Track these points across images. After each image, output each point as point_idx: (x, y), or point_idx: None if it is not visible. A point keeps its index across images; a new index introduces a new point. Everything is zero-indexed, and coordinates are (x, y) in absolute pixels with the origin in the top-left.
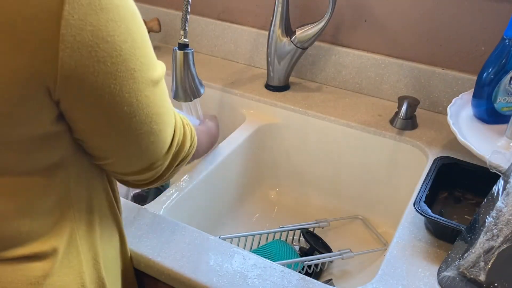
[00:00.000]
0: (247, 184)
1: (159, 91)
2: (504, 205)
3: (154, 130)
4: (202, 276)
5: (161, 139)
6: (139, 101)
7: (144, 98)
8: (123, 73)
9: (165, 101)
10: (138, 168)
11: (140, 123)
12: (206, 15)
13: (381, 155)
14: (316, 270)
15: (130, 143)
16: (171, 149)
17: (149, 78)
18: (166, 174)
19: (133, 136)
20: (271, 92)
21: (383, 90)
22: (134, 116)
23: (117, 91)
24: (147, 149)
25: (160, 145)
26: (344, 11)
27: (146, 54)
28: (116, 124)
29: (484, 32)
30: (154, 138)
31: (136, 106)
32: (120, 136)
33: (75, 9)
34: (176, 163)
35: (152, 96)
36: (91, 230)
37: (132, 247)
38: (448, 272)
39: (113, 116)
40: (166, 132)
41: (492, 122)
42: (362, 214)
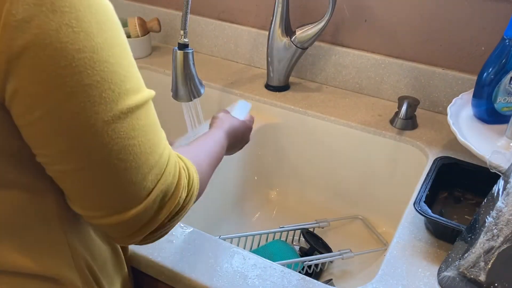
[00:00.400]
0: (247, 184)
1: (135, 121)
2: (504, 205)
3: (118, 167)
4: (202, 276)
5: (131, 180)
6: (93, 127)
7: (102, 124)
8: (73, 88)
9: (144, 134)
10: (105, 212)
11: (91, 153)
12: (206, 15)
13: (381, 155)
14: (316, 270)
15: (87, 175)
16: (151, 195)
17: (118, 101)
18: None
19: (89, 167)
20: (271, 92)
21: (383, 90)
22: (89, 144)
23: (62, 109)
24: (109, 187)
25: (132, 187)
26: (344, 11)
27: (119, 72)
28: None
29: (484, 32)
30: (120, 175)
31: (90, 132)
32: (74, 163)
33: (19, 8)
34: (167, 214)
35: (119, 125)
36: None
37: (132, 247)
38: (448, 272)
39: (60, 139)
40: (140, 172)
41: (492, 122)
42: (362, 214)
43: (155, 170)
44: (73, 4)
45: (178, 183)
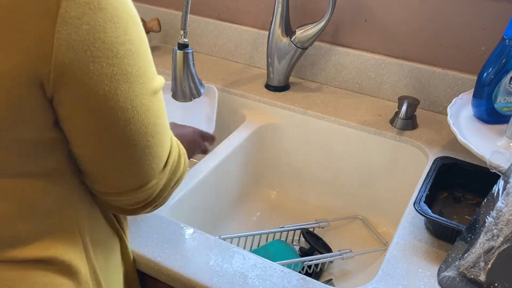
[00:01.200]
0: (247, 184)
1: (157, 102)
2: (504, 205)
3: (149, 142)
4: (202, 276)
5: (157, 154)
6: (134, 108)
7: (140, 105)
8: (119, 76)
9: (162, 113)
10: (131, 186)
11: (134, 132)
12: (206, 15)
13: (381, 155)
14: (316, 270)
15: (123, 155)
16: (167, 166)
17: (147, 85)
18: (161, 196)
19: (126, 146)
20: (271, 92)
21: (383, 90)
22: (129, 124)
23: (111, 94)
24: (141, 164)
25: (156, 160)
26: (344, 11)
27: (145, 61)
28: (109, 130)
29: (484, 32)
30: (149, 151)
31: (131, 113)
32: (112, 145)
33: (72, 7)
34: (172, 183)
35: (150, 104)
36: (92, 236)
37: (133, 248)
38: (448, 272)
39: (106, 121)
40: (162, 146)
41: (492, 122)
42: (362, 214)
43: (168, 143)
44: (113, 3)
45: (179, 155)
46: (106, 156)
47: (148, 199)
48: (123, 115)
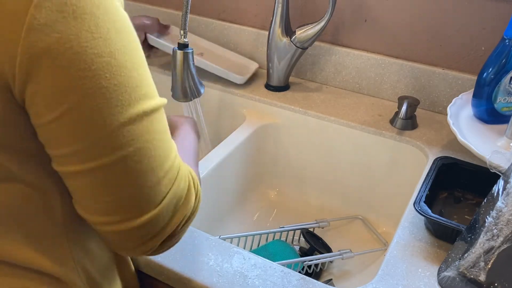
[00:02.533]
0: (247, 184)
1: (150, 124)
2: (504, 205)
3: (133, 168)
4: (202, 276)
5: (144, 183)
6: (109, 126)
7: (119, 126)
8: (91, 90)
9: (157, 138)
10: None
11: (108, 154)
12: (206, 15)
13: (381, 155)
14: (316, 270)
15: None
16: (164, 200)
17: (132, 104)
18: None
19: (103, 165)
20: (271, 92)
21: (383, 90)
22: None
23: (81, 108)
24: (122, 190)
25: (144, 190)
26: (344, 11)
27: (131, 77)
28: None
29: (484, 32)
30: (134, 178)
31: (107, 132)
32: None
33: (42, 13)
34: (181, 221)
35: (136, 126)
36: (85, 246)
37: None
38: (448, 272)
39: (76, 138)
40: (152, 175)
41: (492, 122)
42: (362, 214)
43: (169, 175)
44: (92, 12)
45: (189, 189)
46: (82, 174)
47: (147, 236)
48: (97, 132)
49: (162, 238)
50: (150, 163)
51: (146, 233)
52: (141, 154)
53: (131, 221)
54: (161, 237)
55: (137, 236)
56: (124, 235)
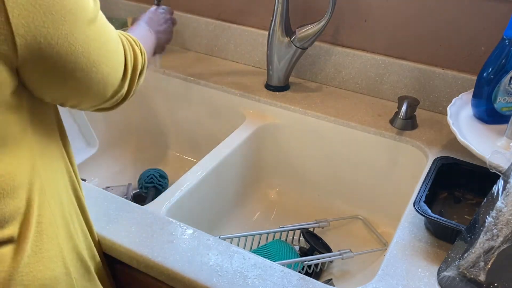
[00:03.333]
0: (247, 184)
1: (98, 28)
2: (504, 205)
3: (103, 66)
4: (202, 276)
5: (113, 69)
6: (80, 44)
7: (84, 38)
8: (59, 13)
9: (107, 34)
10: (100, 101)
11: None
12: (206, 15)
13: (381, 155)
14: (316, 270)
15: (86, 87)
16: (126, 74)
17: (85, 17)
18: (131, 91)
19: (82, 79)
20: (271, 92)
21: (383, 90)
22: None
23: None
24: (102, 86)
25: (114, 75)
26: (344, 11)
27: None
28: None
29: (484, 32)
30: (106, 72)
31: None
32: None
33: None
34: (136, 79)
35: (93, 34)
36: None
37: (132, 247)
38: (448, 272)
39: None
40: (117, 61)
41: (492, 122)
42: (362, 214)
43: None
44: None
45: (134, 52)
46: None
47: (118, 100)
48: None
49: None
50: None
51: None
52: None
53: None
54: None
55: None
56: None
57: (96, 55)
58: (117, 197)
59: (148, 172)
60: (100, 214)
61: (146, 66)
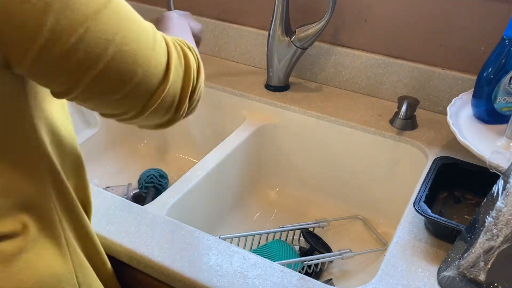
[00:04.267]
0: (247, 184)
1: (112, 11)
2: (504, 205)
3: (125, 52)
4: (202, 276)
5: (142, 61)
6: (86, 31)
7: (94, 24)
8: (55, 4)
9: (128, 16)
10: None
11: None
12: (206, 15)
13: (381, 155)
14: (316, 270)
15: (99, 82)
16: (169, 71)
17: (89, 4)
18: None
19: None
20: (271, 92)
21: (383, 90)
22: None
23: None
24: (125, 83)
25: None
26: (344, 11)
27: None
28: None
29: (484, 32)
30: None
31: (85, 36)
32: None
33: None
34: (191, 81)
35: (105, 18)
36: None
37: (132, 248)
38: (448, 272)
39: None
40: (146, 48)
41: (492, 122)
42: (362, 214)
43: (159, 44)
44: None
45: (183, 49)
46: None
47: (170, 108)
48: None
49: (185, 99)
50: (137, 41)
51: (170, 104)
52: (125, 38)
53: (152, 100)
54: (184, 100)
55: (164, 110)
56: (153, 116)
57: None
58: (117, 197)
59: (148, 172)
60: (100, 214)
61: (203, 70)
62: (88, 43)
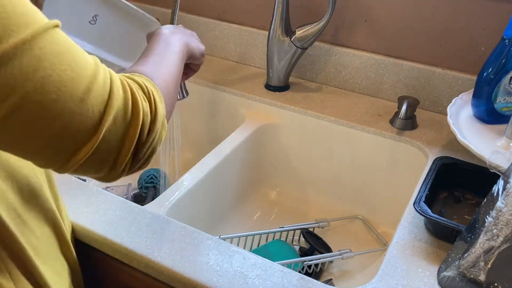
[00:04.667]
0: (247, 184)
1: (38, 50)
2: (504, 205)
3: (45, 102)
4: (202, 276)
5: (65, 111)
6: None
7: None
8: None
9: (56, 61)
10: (56, 159)
11: (7, 98)
12: (206, 15)
13: (381, 155)
14: (316, 270)
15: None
16: (101, 128)
17: (8, 36)
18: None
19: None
20: (271, 92)
21: (383, 90)
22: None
23: None
24: (45, 132)
25: (69, 120)
26: (344, 11)
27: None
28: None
29: (484, 32)
30: (50, 111)
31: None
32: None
33: None
34: (135, 137)
35: (22, 59)
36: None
37: (132, 248)
38: (448, 272)
39: None
40: (71, 100)
41: (492, 122)
42: (362, 214)
43: (94, 94)
44: None
45: (134, 98)
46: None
47: (106, 163)
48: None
49: (126, 158)
50: (60, 88)
51: (103, 162)
52: (44, 84)
53: (75, 156)
54: (124, 158)
55: (96, 167)
56: (84, 171)
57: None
58: (117, 197)
59: (148, 172)
60: (100, 214)
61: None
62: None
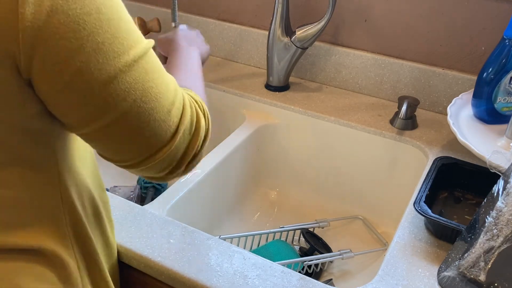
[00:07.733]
0: (247, 184)
1: (145, 64)
2: (504, 205)
3: (142, 109)
4: (202, 276)
5: (157, 118)
6: (112, 79)
7: (119, 74)
8: (90, 48)
9: (154, 77)
10: (137, 157)
11: (119, 103)
12: (206, 15)
13: (381, 155)
14: (316, 270)
15: (115, 128)
16: (178, 132)
17: (128, 51)
18: (185, 160)
19: (115, 119)
20: (271, 92)
21: (383, 90)
22: (110, 95)
23: (84, 68)
24: (139, 133)
25: (158, 127)
26: (344, 11)
27: (119, 28)
28: (91, 104)
29: (484, 32)
30: (144, 119)
31: (110, 84)
32: (100, 119)
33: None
34: (195, 146)
35: (135, 71)
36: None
37: (132, 248)
38: (448, 272)
39: (87, 96)
40: (163, 110)
41: (492, 122)
42: (362, 214)
43: (176, 105)
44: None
45: (197, 113)
46: (102, 131)
47: (172, 163)
48: (102, 87)
49: (185, 163)
50: (157, 99)
51: (169, 164)
52: (147, 94)
53: (153, 157)
54: (184, 163)
55: (161, 167)
56: (150, 170)
57: (132, 92)
58: (117, 197)
59: None
60: None
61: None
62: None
